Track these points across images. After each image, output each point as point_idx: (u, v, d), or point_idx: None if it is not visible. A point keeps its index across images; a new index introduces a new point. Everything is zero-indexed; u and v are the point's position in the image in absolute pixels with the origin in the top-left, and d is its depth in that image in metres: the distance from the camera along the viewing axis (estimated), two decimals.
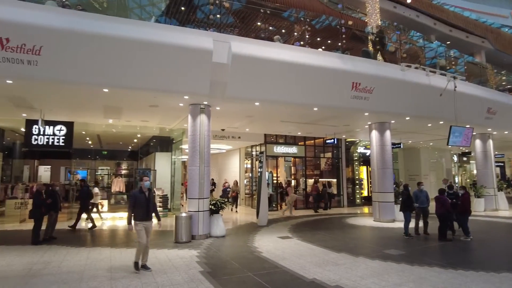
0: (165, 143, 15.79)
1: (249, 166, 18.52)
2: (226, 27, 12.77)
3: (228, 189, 16.81)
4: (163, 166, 15.41)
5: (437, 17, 22.70)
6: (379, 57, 12.22)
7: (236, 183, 16.96)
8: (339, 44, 12.85)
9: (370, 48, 12.84)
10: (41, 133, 11.08)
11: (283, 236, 9.73)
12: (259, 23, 12.85)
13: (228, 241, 9.17)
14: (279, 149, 17.08)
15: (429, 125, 14.09)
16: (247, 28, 14.12)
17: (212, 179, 17.91)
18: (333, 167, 19.04)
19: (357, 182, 19.34)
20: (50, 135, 11.20)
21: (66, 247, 8.13)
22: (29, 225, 9.25)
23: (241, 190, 18.47)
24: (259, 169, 12.85)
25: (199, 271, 6.19)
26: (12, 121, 12.54)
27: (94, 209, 12.33)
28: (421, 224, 10.00)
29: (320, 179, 17.66)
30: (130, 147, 20.64)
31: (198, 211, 9.29)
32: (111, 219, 12.90)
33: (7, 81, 7.38)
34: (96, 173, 16.80)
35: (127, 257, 7.16)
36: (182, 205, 16.01)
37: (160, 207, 13.48)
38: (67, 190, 18.11)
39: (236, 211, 15.92)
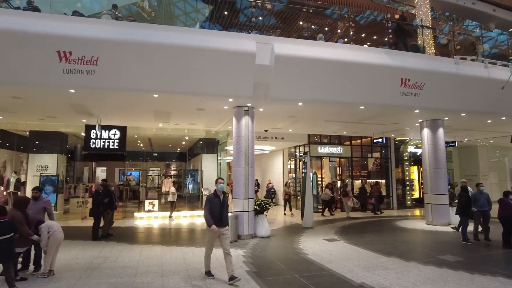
0: (211, 145, 16.27)
1: (292, 166, 18.43)
2: (268, 29, 12.84)
3: (272, 190, 16.84)
4: (209, 167, 15.88)
5: (497, 2, 20.82)
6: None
7: (288, 184, 16.57)
8: (386, 39, 12.32)
9: (419, 42, 12.13)
10: (98, 137, 11.98)
11: (329, 238, 9.54)
12: (301, 23, 12.75)
13: (273, 241, 9.20)
14: (324, 150, 16.77)
15: (489, 121, 12.98)
16: (289, 29, 14.07)
17: (256, 180, 18.06)
18: (381, 168, 18.28)
19: (407, 183, 18.37)
20: (106, 139, 12.07)
21: (121, 244, 8.69)
22: (89, 222, 10.03)
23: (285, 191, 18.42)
24: (303, 170, 12.73)
25: (245, 271, 6.28)
26: (74, 127, 13.69)
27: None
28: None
29: (367, 180, 17.05)
30: (178, 149, 21.55)
31: (244, 211, 9.43)
32: (162, 218, 13.54)
33: (70, 90, 8.08)
34: (147, 174, 17.73)
35: (177, 255, 7.47)
36: (228, 205, 16.35)
37: None
38: (121, 190, 19.36)
39: (292, 214, 14.93)
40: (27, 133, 14.04)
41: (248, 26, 12.92)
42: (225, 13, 16.04)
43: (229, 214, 9.13)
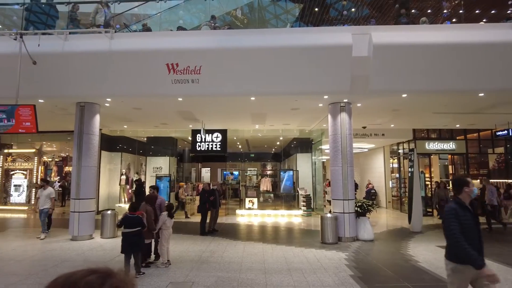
0: (305, 144, 16.14)
1: (395, 165, 16.97)
2: (361, 20, 12.09)
3: (373, 191, 15.82)
4: (304, 167, 15.78)
5: None
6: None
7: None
8: (509, 11, 10.36)
9: None
10: (203, 140, 13.01)
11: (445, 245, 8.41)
12: (400, 9, 11.61)
13: (377, 246, 8.57)
14: (432, 146, 14.97)
15: None
16: (385, 17, 13.00)
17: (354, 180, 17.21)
18: (507, 165, 15.43)
19: None
20: (209, 141, 13.02)
21: (226, 239, 9.22)
22: (197, 218, 10.93)
23: (386, 192, 17.12)
24: (409, 169, 11.57)
25: (349, 275, 5.96)
26: (182, 132, 15.20)
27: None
28: None
29: (490, 180, 14.57)
30: (273, 150, 22.05)
31: (344, 213, 9.03)
32: (261, 216, 13.97)
33: (179, 99, 8.96)
34: (245, 173, 18.60)
35: (278, 254, 7.56)
36: (325, 206, 15.98)
37: (304, 206, 13.82)
38: (224, 189, 20.71)
39: None
40: (145, 139, 16.17)
41: (339, 20, 12.39)
42: (316, 9, 15.77)
43: (328, 215, 8.92)
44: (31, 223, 12.39)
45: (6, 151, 16.08)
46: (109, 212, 9.42)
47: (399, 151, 16.23)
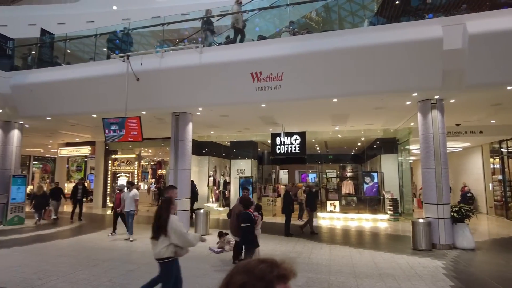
0: (390, 145, 15.30)
1: (497, 166, 15.04)
2: (449, 8, 11.06)
3: (469, 194, 14.28)
4: (389, 169, 14.98)
5: None
6: None
7: None
8: None
9: None
10: (282, 143, 13.32)
11: None
12: None
13: (480, 255, 7.77)
14: None
15: None
16: (478, 2, 11.65)
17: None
18: None
19: None
20: (288, 144, 13.26)
21: (310, 241, 9.28)
22: (279, 219, 11.21)
23: (487, 196, 15.27)
24: None
25: (450, 285, 5.57)
26: (261, 135, 15.78)
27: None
28: None
29: None
30: (353, 151, 21.37)
31: (438, 218, 8.39)
32: (343, 219, 13.70)
33: (262, 105, 9.40)
34: (325, 176, 18.39)
35: (366, 258, 7.39)
36: (413, 210, 14.93)
37: (390, 210, 13.15)
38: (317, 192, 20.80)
39: None
40: (228, 143, 17.20)
41: (423, 10, 11.51)
42: (397, 2, 14.89)
43: (420, 220, 8.38)
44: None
45: (113, 156, 18.64)
46: (201, 211, 10.29)
47: (502, 149, 14.35)
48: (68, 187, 19.29)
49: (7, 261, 7.15)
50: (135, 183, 11.35)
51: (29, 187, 19.65)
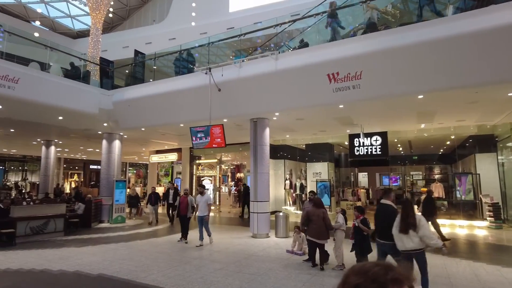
0: (487, 142, 13.58)
1: None
2: None
3: None
4: (486, 169, 13.30)
5: None
6: None
7: None
8: None
9: None
10: (361, 144, 12.82)
11: None
12: None
13: None
14: None
15: None
16: None
17: None
18: None
19: None
20: (368, 145, 12.72)
21: None
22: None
23: None
24: None
25: None
26: (338, 137, 15.40)
27: None
28: None
29: None
30: (441, 150, 19.50)
31: None
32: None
33: (339, 106, 9.22)
34: (407, 177, 17.12)
35: (464, 269, 6.75)
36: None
37: (491, 217, 11.68)
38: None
39: None
40: (304, 146, 17.16)
41: None
42: None
43: None
44: (211, 220, 14.95)
45: (197, 161, 20.07)
46: (281, 214, 10.47)
47: None
48: (158, 191, 21.27)
49: (116, 255, 8.24)
50: (205, 187, 10.25)
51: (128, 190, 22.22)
